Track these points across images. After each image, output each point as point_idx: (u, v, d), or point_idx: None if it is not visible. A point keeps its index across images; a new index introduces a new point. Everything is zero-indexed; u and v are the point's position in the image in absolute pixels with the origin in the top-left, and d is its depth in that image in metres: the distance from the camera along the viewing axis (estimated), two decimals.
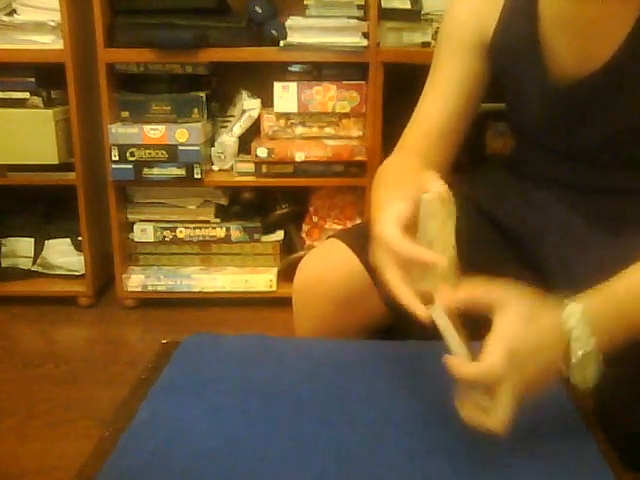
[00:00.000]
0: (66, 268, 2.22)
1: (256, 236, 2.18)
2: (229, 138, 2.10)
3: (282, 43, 1.94)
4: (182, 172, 2.02)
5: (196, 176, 2.02)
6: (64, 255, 2.21)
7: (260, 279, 2.15)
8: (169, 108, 2.03)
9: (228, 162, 2.11)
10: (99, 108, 2.01)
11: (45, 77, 2.04)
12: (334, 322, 0.81)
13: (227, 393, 0.76)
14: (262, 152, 2.01)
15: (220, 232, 2.17)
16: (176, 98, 2.03)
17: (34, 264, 2.21)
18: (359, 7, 1.97)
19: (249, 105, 2.09)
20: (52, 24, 1.94)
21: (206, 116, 2.07)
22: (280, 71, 2.06)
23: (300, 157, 2.01)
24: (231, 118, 2.14)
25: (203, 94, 2.05)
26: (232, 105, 2.16)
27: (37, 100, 2.02)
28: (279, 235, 2.21)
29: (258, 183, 2.09)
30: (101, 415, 1.55)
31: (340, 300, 0.87)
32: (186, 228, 2.16)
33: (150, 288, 2.15)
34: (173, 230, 2.16)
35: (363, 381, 0.74)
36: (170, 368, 0.83)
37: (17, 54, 1.95)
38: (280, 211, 2.20)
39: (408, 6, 1.95)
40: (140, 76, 2.05)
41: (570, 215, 0.95)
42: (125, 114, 2.04)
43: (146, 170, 2.02)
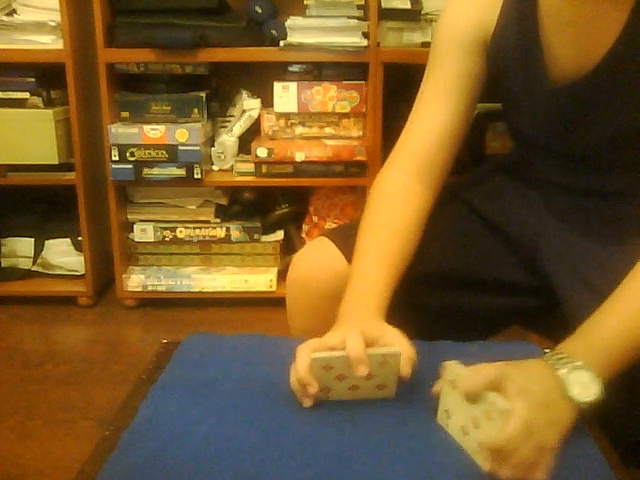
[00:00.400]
0: (66, 268, 2.22)
1: (256, 236, 2.18)
2: (229, 138, 2.10)
3: (282, 43, 1.94)
4: (182, 172, 2.02)
5: (196, 176, 2.02)
6: (64, 255, 2.21)
7: (260, 279, 2.15)
8: (169, 108, 2.03)
9: (228, 162, 2.11)
10: (99, 108, 2.01)
11: (45, 77, 2.04)
12: (326, 318, 0.81)
13: (227, 393, 0.77)
14: (262, 152, 2.01)
15: (220, 232, 2.17)
16: (176, 98, 2.03)
17: (34, 264, 2.22)
18: (359, 7, 1.97)
19: (249, 105, 2.09)
20: (52, 24, 1.94)
21: (206, 116, 2.07)
22: (280, 71, 2.06)
23: (300, 157, 2.01)
24: (231, 118, 2.14)
25: (203, 94, 2.05)
26: (232, 105, 2.16)
27: (37, 100, 2.02)
28: (279, 235, 2.21)
29: (258, 183, 2.09)
30: (101, 415, 1.55)
31: (330, 296, 0.88)
32: (186, 228, 2.16)
33: (150, 288, 2.15)
34: (173, 230, 2.16)
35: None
36: (170, 368, 0.83)
37: (17, 54, 1.95)
38: (280, 211, 2.20)
39: (408, 6, 1.95)
40: (140, 76, 2.06)
41: (568, 218, 0.95)
42: (125, 114, 2.04)
43: (146, 170, 2.02)
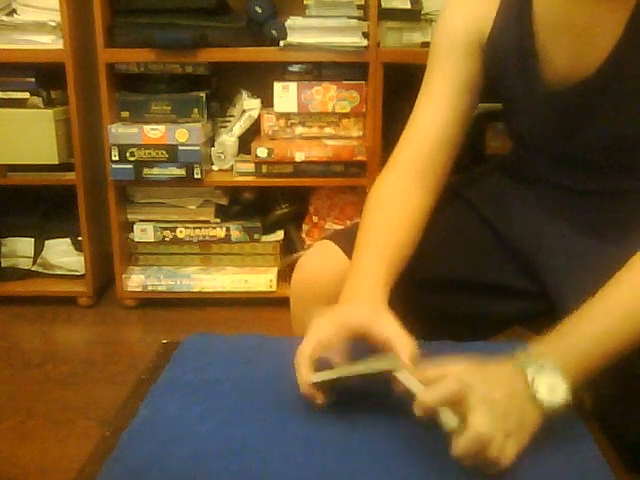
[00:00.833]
0: (66, 268, 2.22)
1: (256, 236, 2.18)
2: (229, 138, 2.10)
3: (282, 43, 1.94)
4: (182, 172, 2.01)
5: (196, 176, 2.02)
6: (64, 255, 2.21)
7: (260, 279, 2.15)
8: (169, 108, 2.03)
9: (228, 162, 2.11)
10: (99, 108, 2.01)
11: (45, 77, 2.04)
12: None
13: (227, 393, 0.77)
14: (262, 152, 2.01)
15: (220, 232, 2.17)
16: (176, 98, 2.03)
17: (34, 264, 2.21)
18: (359, 7, 1.97)
19: (249, 105, 2.09)
20: (52, 24, 1.94)
21: (206, 116, 2.06)
22: (280, 71, 2.06)
23: (300, 157, 2.01)
24: (231, 118, 2.14)
25: (203, 94, 2.05)
26: (232, 105, 2.16)
27: (37, 100, 2.02)
28: (279, 235, 2.21)
29: (258, 183, 2.09)
30: (101, 415, 1.55)
31: (335, 298, 0.88)
32: (186, 228, 2.16)
33: (150, 288, 2.15)
34: (173, 230, 2.16)
35: (363, 380, 0.74)
36: (170, 368, 0.83)
37: (17, 54, 1.96)
38: (280, 211, 2.20)
39: (408, 6, 1.95)
40: (140, 76, 2.05)
41: (568, 219, 0.95)
42: (125, 114, 2.04)
43: (146, 170, 2.02)
